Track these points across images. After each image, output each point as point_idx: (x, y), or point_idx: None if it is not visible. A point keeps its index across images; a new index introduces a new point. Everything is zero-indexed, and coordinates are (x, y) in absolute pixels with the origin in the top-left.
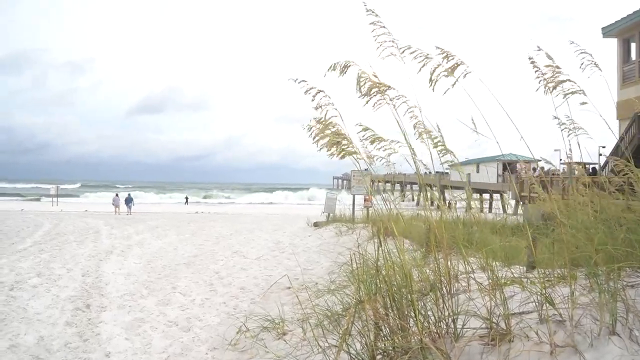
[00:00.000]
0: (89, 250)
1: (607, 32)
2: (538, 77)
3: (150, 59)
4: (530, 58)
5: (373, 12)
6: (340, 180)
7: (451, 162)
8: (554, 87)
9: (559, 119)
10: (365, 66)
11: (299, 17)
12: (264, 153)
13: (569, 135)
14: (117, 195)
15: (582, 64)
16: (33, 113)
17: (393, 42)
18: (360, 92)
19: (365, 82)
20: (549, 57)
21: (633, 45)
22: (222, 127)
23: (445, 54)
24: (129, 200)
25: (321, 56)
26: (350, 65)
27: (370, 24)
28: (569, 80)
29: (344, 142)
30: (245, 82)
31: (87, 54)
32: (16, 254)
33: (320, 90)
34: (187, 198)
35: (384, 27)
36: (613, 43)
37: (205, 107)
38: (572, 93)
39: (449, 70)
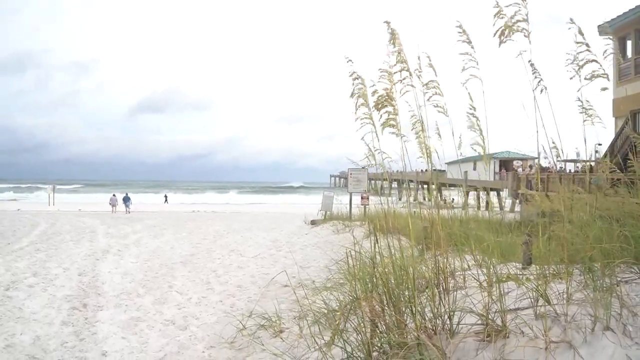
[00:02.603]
0: (86, 249)
1: (603, 30)
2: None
3: (153, 59)
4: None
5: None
6: (337, 179)
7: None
8: (582, 66)
9: (583, 101)
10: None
11: (302, 17)
12: (265, 153)
13: (584, 121)
14: (114, 195)
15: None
16: (35, 114)
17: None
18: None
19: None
20: (581, 33)
21: (629, 43)
22: (224, 128)
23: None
24: (126, 200)
25: (323, 56)
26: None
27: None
28: (595, 61)
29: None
30: (248, 82)
31: (91, 55)
32: (12, 253)
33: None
34: (166, 197)
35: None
36: (609, 41)
37: (208, 108)
38: (597, 76)
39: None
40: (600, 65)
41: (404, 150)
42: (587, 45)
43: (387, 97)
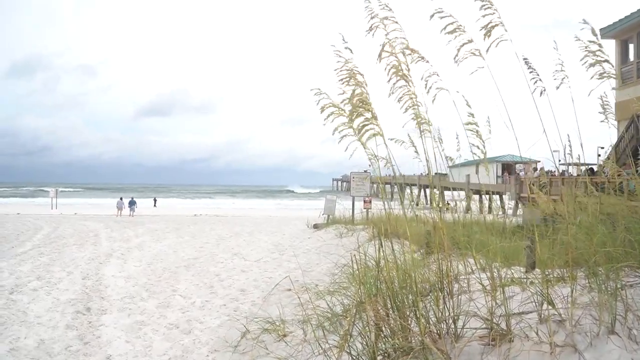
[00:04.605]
0: (89, 253)
1: (605, 33)
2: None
3: (160, 62)
4: (525, 59)
5: (387, 6)
6: (339, 182)
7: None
8: (593, 65)
9: (605, 100)
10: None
11: (306, 18)
12: (268, 156)
13: (602, 121)
14: (121, 198)
15: (595, 59)
16: (40, 116)
17: (404, 39)
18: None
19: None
20: (594, 34)
21: (631, 47)
22: (227, 131)
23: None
24: (132, 203)
25: (328, 57)
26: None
27: (383, 19)
28: (608, 61)
29: (368, 115)
30: (253, 85)
31: (99, 58)
32: (16, 257)
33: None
34: (155, 200)
35: (396, 22)
36: (611, 44)
37: (212, 111)
38: (609, 76)
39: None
40: (612, 66)
41: (390, 155)
42: (599, 45)
43: (361, 103)
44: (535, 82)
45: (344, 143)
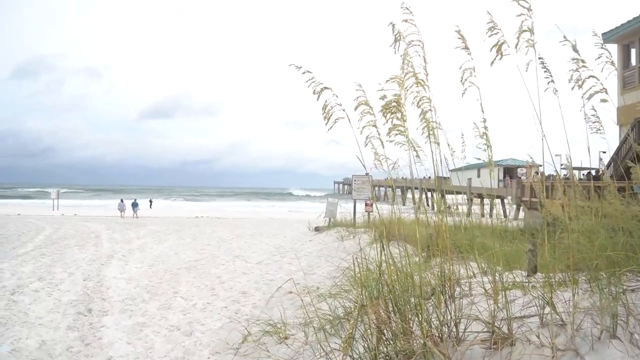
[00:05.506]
0: (90, 254)
1: (607, 38)
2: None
3: (163, 64)
4: (540, 58)
5: (408, 9)
6: (340, 185)
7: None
8: (581, 85)
9: (587, 114)
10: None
11: (310, 21)
12: (270, 158)
13: (591, 133)
14: (122, 200)
15: (599, 58)
16: (43, 118)
17: (420, 41)
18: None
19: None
20: (575, 50)
21: (633, 51)
22: (230, 133)
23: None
24: (134, 205)
25: (333, 61)
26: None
27: (404, 21)
28: (593, 76)
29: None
30: (256, 87)
31: (104, 60)
32: (17, 258)
33: (327, 87)
34: (151, 201)
35: (415, 25)
36: (613, 49)
37: (215, 113)
38: (596, 92)
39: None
40: (598, 80)
41: (412, 158)
42: (582, 61)
43: (396, 104)
44: (549, 82)
45: (350, 142)
